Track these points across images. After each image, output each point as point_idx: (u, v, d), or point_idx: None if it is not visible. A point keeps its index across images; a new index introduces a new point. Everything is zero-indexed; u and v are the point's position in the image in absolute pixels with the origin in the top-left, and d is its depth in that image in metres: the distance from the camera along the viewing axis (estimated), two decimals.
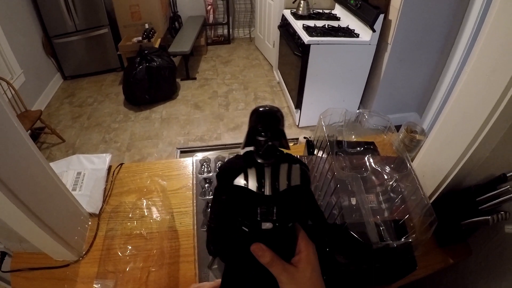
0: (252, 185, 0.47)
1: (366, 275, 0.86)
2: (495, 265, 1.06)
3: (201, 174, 1.08)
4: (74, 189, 1.24)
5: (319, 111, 1.02)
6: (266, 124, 0.47)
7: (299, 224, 0.56)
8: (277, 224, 0.48)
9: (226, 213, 0.52)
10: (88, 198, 1.21)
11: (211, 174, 1.21)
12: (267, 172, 0.48)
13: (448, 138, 0.97)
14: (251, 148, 0.49)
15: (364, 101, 3.66)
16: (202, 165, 1.12)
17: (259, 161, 0.48)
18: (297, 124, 3.76)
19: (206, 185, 1.14)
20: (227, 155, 1.21)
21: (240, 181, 0.47)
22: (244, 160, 0.50)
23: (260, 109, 0.47)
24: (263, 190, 0.47)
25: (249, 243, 0.50)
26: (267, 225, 0.48)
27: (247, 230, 0.50)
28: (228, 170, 0.50)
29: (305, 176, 0.50)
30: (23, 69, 3.87)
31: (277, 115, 0.47)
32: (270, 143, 0.46)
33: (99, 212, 1.20)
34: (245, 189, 0.47)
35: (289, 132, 3.69)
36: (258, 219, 0.47)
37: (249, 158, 0.50)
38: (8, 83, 3.21)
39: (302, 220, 0.56)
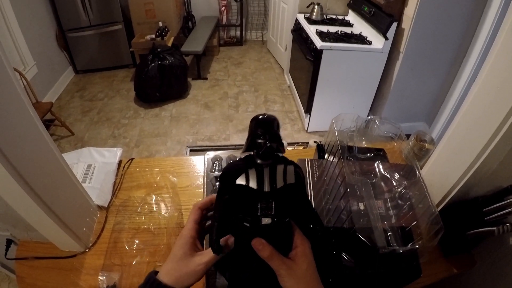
0: (253, 183, 0.53)
1: (371, 280, 0.87)
2: (499, 277, 1.05)
3: (212, 172, 1.09)
4: (83, 181, 1.25)
5: (329, 116, 1.03)
6: (265, 128, 0.53)
7: (295, 223, 0.61)
8: (275, 220, 0.54)
9: (228, 211, 0.57)
10: (98, 190, 1.22)
11: None
12: (266, 172, 0.53)
13: (457, 149, 0.97)
14: (250, 153, 0.55)
15: (373, 109, 3.65)
16: (213, 163, 1.13)
17: (258, 162, 0.54)
18: (306, 128, 3.76)
19: (217, 183, 1.15)
20: (238, 154, 1.22)
21: (242, 180, 0.53)
22: (244, 162, 0.55)
23: (260, 117, 0.54)
24: (262, 187, 0.53)
25: (250, 238, 0.56)
26: (266, 220, 0.54)
27: (248, 225, 0.55)
28: (231, 171, 0.55)
29: (299, 176, 0.56)
30: (36, 61, 3.92)
31: (274, 122, 0.54)
32: (269, 144, 0.52)
33: (108, 205, 1.21)
34: (246, 187, 0.53)
35: (298, 137, 3.69)
36: (258, 214, 0.53)
37: (249, 160, 0.55)
38: (20, 74, 3.25)
39: (297, 218, 0.62)
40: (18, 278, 1.03)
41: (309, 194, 1.00)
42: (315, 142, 1.19)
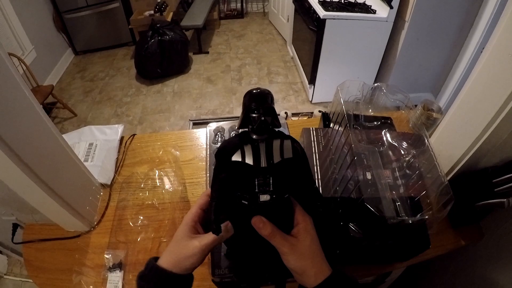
0: (249, 159, 0.52)
1: (379, 251, 0.85)
2: (506, 250, 1.05)
3: (214, 143, 1.07)
4: (86, 160, 1.24)
5: (333, 87, 1.01)
6: (258, 102, 0.52)
7: (296, 199, 0.60)
8: (274, 196, 0.52)
9: (226, 189, 0.56)
10: (100, 168, 1.21)
11: None
12: (262, 147, 0.52)
13: (466, 118, 0.95)
14: (246, 130, 0.54)
15: (378, 79, 3.60)
16: (216, 134, 1.11)
17: (253, 137, 0.53)
18: (310, 100, 3.72)
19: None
20: None
21: (237, 157, 0.52)
22: (240, 138, 0.54)
23: (253, 91, 0.53)
24: (259, 162, 0.51)
25: (249, 216, 0.55)
26: (265, 197, 0.52)
27: (246, 203, 0.54)
28: (226, 149, 0.54)
29: (297, 150, 0.54)
30: (34, 45, 3.89)
31: (268, 96, 0.53)
32: (263, 118, 0.51)
33: (111, 182, 1.20)
34: (242, 163, 0.52)
35: (302, 108, 3.66)
36: (256, 191, 0.52)
37: (244, 136, 0.54)
38: (19, 59, 3.24)
39: (297, 194, 0.60)
40: (25, 261, 1.04)
41: (314, 163, 0.97)
42: (320, 111, 1.16)
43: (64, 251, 1.03)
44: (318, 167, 0.96)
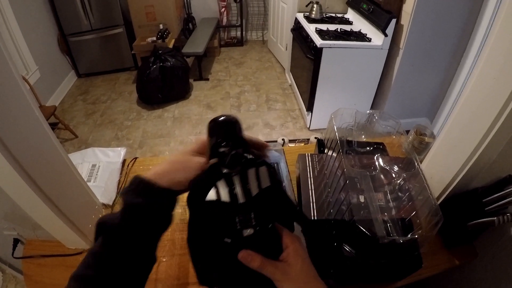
0: (225, 197, 0.47)
1: (372, 271, 0.88)
2: (501, 267, 1.06)
3: None
4: (89, 180, 1.28)
5: (330, 114, 1.04)
6: (226, 133, 0.48)
7: (282, 223, 0.56)
8: (258, 228, 0.49)
9: (206, 232, 0.51)
10: (103, 189, 1.24)
11: None
12: (236, 181, 0.48)
13: (456, 141, 0.98)
14: (213, 163, 0.50)
15: (375, 105, 3.65)
16: None
17: (225, 171, 0.49)
18: (308, 126, 3.76)
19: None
20: None
21: (212, 196, 0.48)
22: (208, 175, 0.50)
23: (219, 119, 0.49)
24: (236, 199, 0.47)
25: (235, 253, 0.50)
26: (248, 231, 0.48)
27: (229, 241, 0.49)
28: (197, 191, 0.50)
29: (274, 176, 0.51)
30: (39, 66, 3.94)
31: (235, 124, 0.49)
32: (234, 152, 0.48)
33: (113, 203, 1.23)
34: (218, 203, 0.47)
35: (300, 134, 3.70)
36: (238, 228, 0.48)
37: (214, 171, 0.50)
38: (24, 78, 3.27)
39: (283, 218, 0.56)
40: (25, 277, 1.04)
41: (310, 187, 1.01)
42: (315, 138, 1.20)
43: (64, 268, 1.04)
44: (313, 190, 0.99)
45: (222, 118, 0.50)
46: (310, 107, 3.60)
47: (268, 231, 0.52)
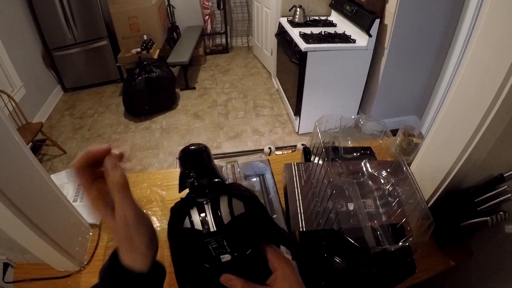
0: (198, 224, 0.49)
1: (364, 280, 0.87)
2: (497, 265, 1.05)
3: None
4: (75, 200, 1.25)
5: (319, 117, 1.03)
6: (192, 163, 0.49)
7: (271, 243, 0.56)
8: (235, 254, 0.49)
9: (185, 256, 0.53)
10: (89, 209, 1.21)
11: None
12: (207, 209, 0.49)
13: (445, 140, 0.98)
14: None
15: (363, 106, 3.67)
16: None
17: (198, 200, 0.50)
18: (297, 131, 3.77)
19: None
20: (224, 163, 1.22)
21: (186, 224, 0.49)
22: (184, 203, 0.52)
23: (187, 149, 0.50)
24: (207, 227, 0.48)
25: (216, 276, 0.51)
26: (226, 257, 0.49)
27: (208, 266, 0.51)
28: (175, 218, 0.52)
29: (249, 202, 0.51)
30: (24, 82, 3.90)
31: (203, 152, 0.50)
32: (196, 183, 0.48)
33: (100, 222, 1.20)
34: (192, 230, 0.49)
35: (289, 139, 3.70)
36: (213, 254, 0.49)
37: (189, 199, 0.51)
38: (9, 96, 3.24)
39: (270, 239, 0.56)
40: None
41: (297, 198, 0.99)
42: (302, 145, 1.19)
43: None
44: (300, 201, 0.98)
45: (190, 148, 0.50)
46: (298, 112, 3.60)
47: (249, 256, 0.51)
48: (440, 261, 1.08)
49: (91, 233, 1.17)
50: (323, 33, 3.35)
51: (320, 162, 0.94)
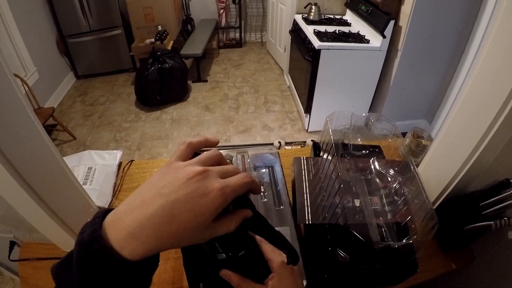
0: None
1: (367, 276, 0.87)
2: (499, 271, 1.06)
3: None
4: (84, 183, 1.27)
5: (326, 117, 1.04)
6: None
7: (269, 239, 0.55)
8: (230, 254, 0.49)
9: (187, 252, 0.53)
10: (98, 192, 1.23)
11: None
12: None
13: (453, 144, 0.98)
14: None
15: (373, 107, 3.66)
16: None
17: None
18: (306, 128, 3.77)
19: None
20: (235, 154, 1.23)
21: None
22: None
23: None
24: None
25: (215, 271, 0.53)
26: (221, 256, 0.50)
27: (206, 262, 0.52)
28: None
29: (237, 202, 0.48)
30: (37, 67, 3.94)
31: None
32: None
33: (109, 206, 1.22)
34: None
35: (298, 136, 3.70)
36: (209, 253, 0.49)
37: None
38: (22, 80, 3.29)
39: (268, 237, 0.55)
40: (21, 279, 1.04)
41: (305, 191, 1.00)
42: (312, 140, 1.19)
43: None
44: (308, 194, 0.99)
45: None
46: (308, 109, 3.60)
47: (243, 257, 0.51)
48: (442, 264, 1.08)
49: None
50: (337, 31, 3.34)
51: (330, 157, 0.95)
